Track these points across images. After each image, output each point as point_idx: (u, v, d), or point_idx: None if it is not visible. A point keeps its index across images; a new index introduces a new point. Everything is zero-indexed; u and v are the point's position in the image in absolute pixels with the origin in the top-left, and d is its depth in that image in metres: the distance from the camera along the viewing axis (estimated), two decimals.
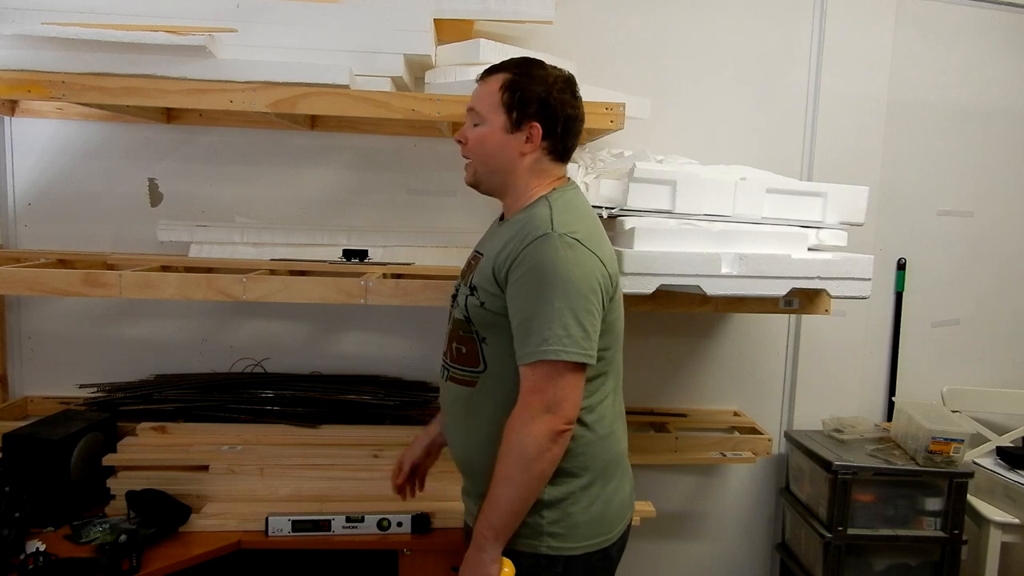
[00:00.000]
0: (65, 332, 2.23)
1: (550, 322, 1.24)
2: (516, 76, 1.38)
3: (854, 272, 1.83)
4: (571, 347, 1.24)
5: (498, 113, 1.38)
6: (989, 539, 2.27)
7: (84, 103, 1.77)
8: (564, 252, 1.26)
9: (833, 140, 2.44)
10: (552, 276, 1.25)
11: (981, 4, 2.55)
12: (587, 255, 1.29)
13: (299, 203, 2.26)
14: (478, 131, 1.40)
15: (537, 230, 1.29)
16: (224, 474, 1.82)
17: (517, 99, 1.36)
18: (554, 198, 1.37)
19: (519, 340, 1.28)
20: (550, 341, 1.23)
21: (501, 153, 1.39)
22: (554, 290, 1.24)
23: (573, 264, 1.26)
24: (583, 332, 1.25)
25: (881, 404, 2.66)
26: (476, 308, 1.36)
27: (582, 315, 1.25)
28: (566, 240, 1.27)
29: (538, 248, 1.27)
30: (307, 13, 1.78)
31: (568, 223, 1.31)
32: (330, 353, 2.31)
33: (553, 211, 1.33)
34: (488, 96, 1.39)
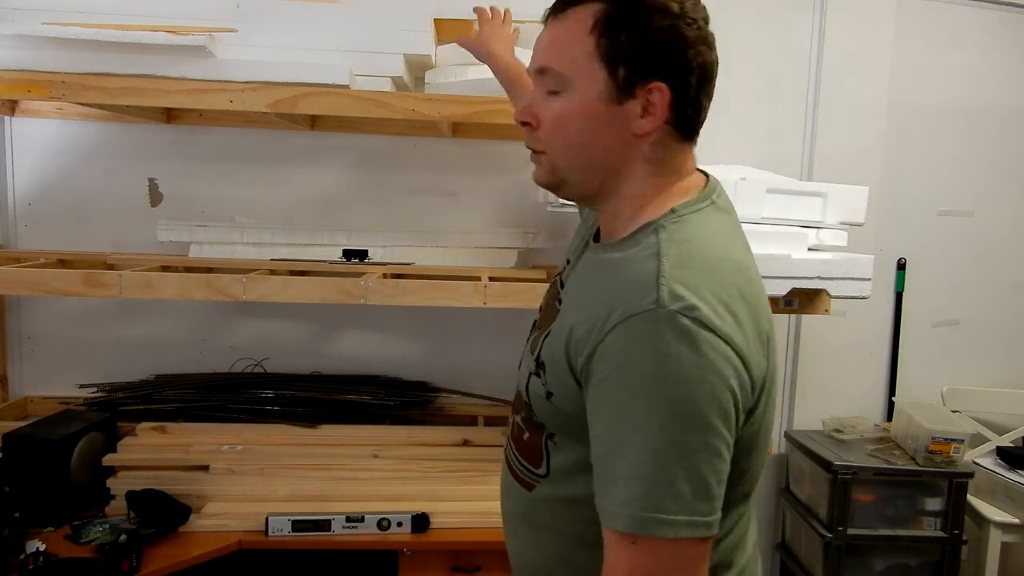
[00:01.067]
0: (65, 332, 2.22)
1: (648, 471, 0.76)
2: (615, 4, 0.83)
3: (854, 272, 1.83)
4: (681, 513, 0.76)
5: (592, 71, 0.84)
6: (989, 539, 2.27)
7: (84, 103, 1.77)
8: (676, 348, 0.76)
9: (833, 140, 2.44)
10: (654, 392, 0.76)
11: (981, 4, 2.55)
12: (716, 350, 0.76)
13: (299, 203, 2.26)
14: (558, 105, 0.87)
15: (634, 298, 0.79)
16: (224, 474, 1.82)
17: (625, 44, 0.83)
18: (669, 231, 0.85)
19: (600, 482, 0.81)
20: (647, 503, 0.75)
21: (601, 138, 0.87)
22: (656, 416, 0.76)
23: (692, 369, 0.75)
24: (701, 486, 0.76)
25: (881, 404, 2.66)
26: (540, 396, 0.91)
27: (701, 460, 0.76)
28: (681, 324, 0.76)
29: (634, 336, 0.77)
30: (307, 13, 1.78)
31: (687, 285, 0.78)
32: (330, 353, 2.31)
33: (662, 260, 0.81)
34: (571, 43, 0.85)
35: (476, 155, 2.30)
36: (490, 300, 1.78)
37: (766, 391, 0.85)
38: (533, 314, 1.12)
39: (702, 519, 0.77)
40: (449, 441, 2.02)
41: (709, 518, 0.77)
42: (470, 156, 2.30)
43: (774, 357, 0.88)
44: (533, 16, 1.94)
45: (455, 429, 2.09)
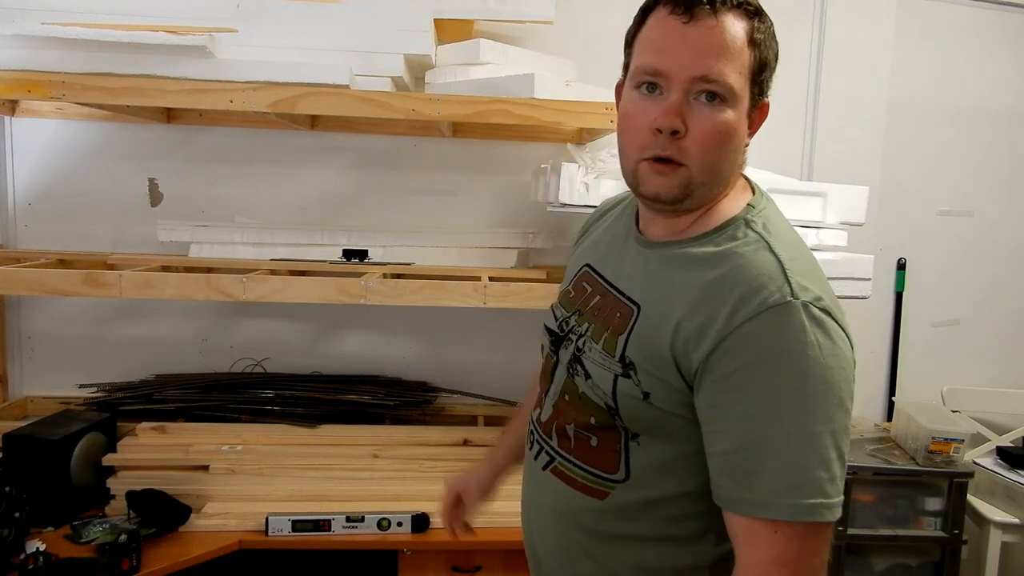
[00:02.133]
0: (65, 332, 2.22)
1: (806, 458, 0.78)
2: (757, 19, 0.86)
3: (854, 272, 1.83)
4: (835, 496, 0.79)
5: (746, 86, 0.86)
6: (989, 539, 2.27)
7: (84, 103, 1.77)
8: (816, 338, 0.79)
9: (833, 140, 2.44)
10: (802, 381, 0.78)
11: (981, 4, 2.55)
12: (842, 337, 0.82)
13: (299, 203, 2.26)
14: (720, 116, 0.84)
15: (764, 290, 0.80)
16: (224, 474, 1.82)
17: (764, 63, 0.87)
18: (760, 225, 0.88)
19: (731, 474, 0.81)
20: (809, 490, 0.77)
21: (737, 147, 0.89)
22: (807, 405, 0.78)
23: (832, 356, 0.79)
24: (843, 467, 0.81)
25: (881, 404, 2.66)
26: (634, 398, 0.88)
27: (844, 440, 0.81)
28: (816, 315, 0.80)
29: (773, 327, 0.79)
30: (307, 13, 1.78)
31: (806, 276, 0.82)
32: (330, 353, 2.31)
33: (778, 253, 0.84)
34: (738, 54, 0.84)
35: (476, 155, 2.30)
36: (490, 300, 1.78)
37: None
38: (532, 314, 1.11)
39: (835, 501, 0.80)
40: (449, 441, 2.02)
41: (839, 500, 0.80)
42: (470, 156, 2.30)
43: None
44: (535, 16, 1.95)
45: (455, 429, 2.09)
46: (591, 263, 1.03)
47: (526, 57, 1.95)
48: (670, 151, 0.85)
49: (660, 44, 0.85)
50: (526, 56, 1.96)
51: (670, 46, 0.84)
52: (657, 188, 0.87)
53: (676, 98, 0.84)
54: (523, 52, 1.98)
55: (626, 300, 0.93)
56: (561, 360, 0.99)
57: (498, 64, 1.88)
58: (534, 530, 1.05)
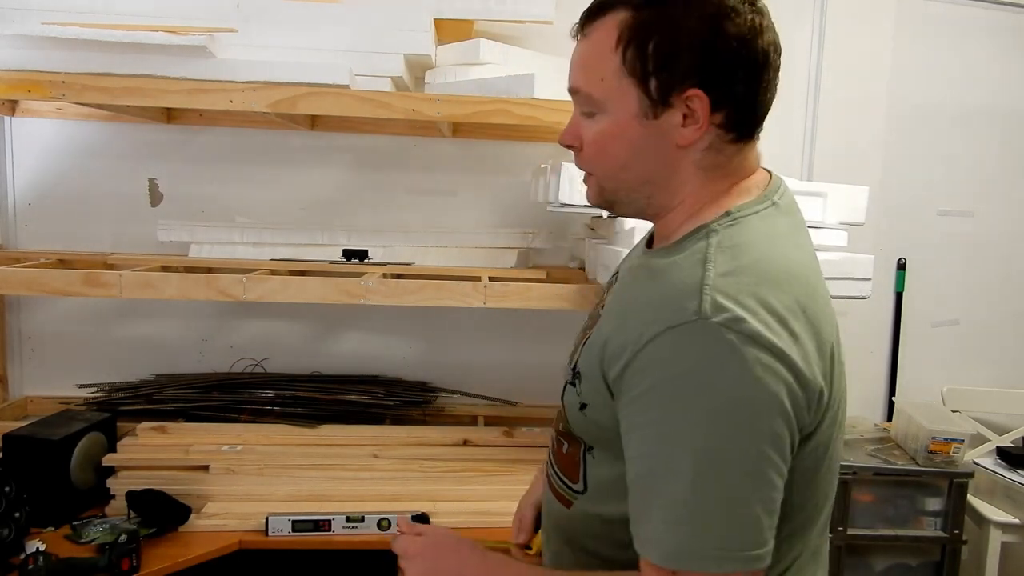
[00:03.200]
0: (65, 332, 2.22)
1: (688, 499, 0.70)
2: (642, 12, 0.77)
3: (854, 272, 1.83)
4: (723, 547, 0.70)
5: (623, 88, 0.79)
6: (989, 539, 2.27)
7: (84, 103, 1.77)
8: (719, 364, 0.70)
9: (833, 140, 2.44)
10: (695, 414, 0.70)
11: (981, 4, 2.55)
12: (765, 366, 0.69)
13: (299, 203, 2.26)
14: (595, 127, 0.83)
15: (671, 307, 0.73)
16: (224, 474, 1.82)
17: (653, 53, 0.77)
18: (721, 235, 0.79)
19: (636, 507, 0.75)
20: (687, 535, 0.70)
21: (643, 157, 0.82)
22: (698, 440, 0.70)
23: (738, 388, 0.69)
24: (748, 518, 0.70)
25: (881, 404, 2.66)
26: (575, 407, 0.86)
27: (748, 489, 0.70)
28: (724, 338, 0.70)
29: (673, 350, 0.72)
30: (307, 13, 1.78)
31: (734, 294, 0.72)
32: (330, 353, 2.31)
33: (708, 267, 0.75)
34: (598, 61, 0.80)
35: (476, 155, 2.30)
36: (490, 300, 1.78)
37: (830, 413, 0.78)
38: (532, 314, 1.11)
39: (748, 552, 0.70)
40: (449, 441, 2.02)
41: (757, 551, 0.70)
42: (470, 156, 2.30)
43: (841, 376, 0.81)
44: (535, 16, 1.95)
45: (455, 429, 2.09)
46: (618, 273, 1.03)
47: (526, 57, 1.95)
48: (578, 164, 0.88)
49: None
50: (526, 56, 1.96)
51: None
52: (587, 195, 0.91)
53: (573, 115, 0.87)
54: (523, 52, 1.98)
55: (601, 308, 0.92)
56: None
57: (498, 64, 1.88)
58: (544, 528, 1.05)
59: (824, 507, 0.86)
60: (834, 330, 0.81)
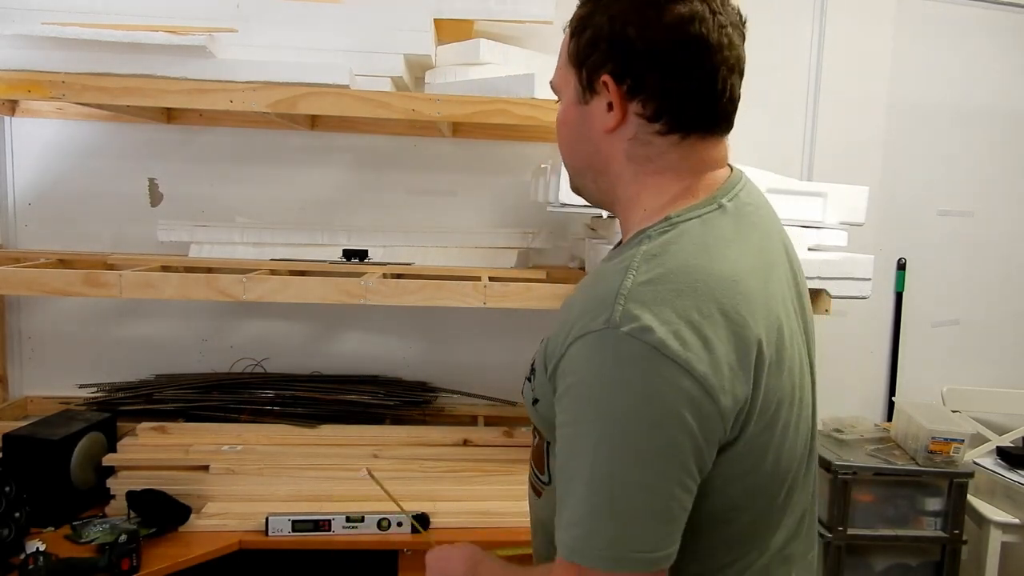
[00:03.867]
0: (65, 332, 2.22)
1: (588, 498, 0.72)
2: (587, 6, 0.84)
3: (854, 272, 1.83)
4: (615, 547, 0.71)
5: (569, 76, 0.86)
6: (989, 539, 2.27)
7: (84, 103, 1.77)
8: (621, 373, 0.71)
9: (833, 140, 2.44)
10: (596, 420, 0.72)
11: (981, 4, 2.55)
12: (665, 378, 0.70)
13: (299, 203, 2.26)
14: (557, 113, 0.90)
15: (589, 313, 0.74)
16: (224, 474, 1.82)
17: (584, 43, 0.82)
18: (655, 241, 0.78)
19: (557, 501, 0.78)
20: (584, 534, 0.72)
21: (581, 139, 0.86)
22: (599, 444, 0.71)
23: (638, 398, 0.70)
24: (642, 521, 0.71)
25: (881, 404, 2.66)
26: (529, 404, 0.89)
27: (642, 494, 0.71)
28: (629, 348, 0.70)
29: (580, 353, 0.74)
30: (307, 13, 1.78)
31: (648, 303, 0.72)
32: (330, 353, 2.31)
33: (631, 274, 0.75)
34: (561, 52, 0.89)
35: (476, 155, 2.30)
36: (490, 300, 1.78)
37: (762, 418, 0.76)
38: (532, 314, 1.11)
39: (643, 554, 0.71)
40: (449, 441, 2.02)
41: (653, 554, 0.72)
42: (470, 156, 2.30)
43: (780, 380, 0.78)
44: (535, 16, 1.95)
45: (455, 429, 2.09)
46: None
47: (526, 57, 1.95)
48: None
49: None
50: (526, 56, 1.96)
51: None
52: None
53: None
54: (523, 52, 1.98)
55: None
56: None
57: (498, 64, 1.88)
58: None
59: (785, 511, 0.85)
60: (773, 331, 0.78)
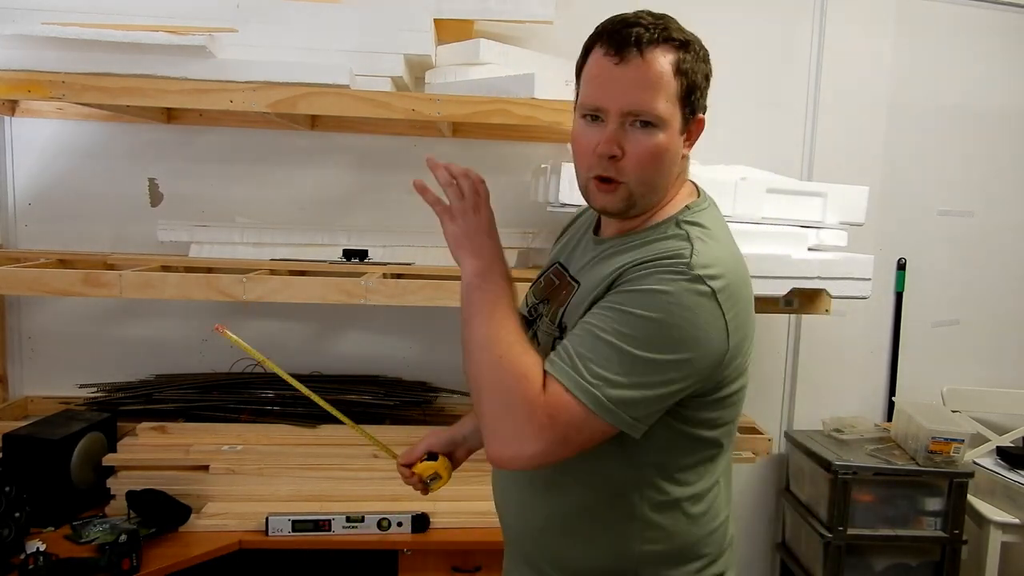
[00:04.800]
0: (65, 332, 2.22)
1: (611, 355, 0.92)
2: (683, 50, 0.98)
3: (854, 272, 1.83)
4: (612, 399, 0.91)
5: (675, 110, 0.98)
6: (989, 539, 2.27)
7: (84, 103, 1.78)
8: (687, 298, 0.92)
9: (833, 140, 2.44)
10: (650, 313, 0.92)
11: (981, 4, 2.55)
12: (713, 315, 0.93)
13: (299, 203, 2.25)
14: (651, 140, 0.98)
15: (667, 256, 0.95)
16: (224, 474, 1.82)
17: (692, 86, 0.99)
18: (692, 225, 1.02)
19: (562, 345, 0.97)
20: (592, 376, 0.91)
21: (674, 165, 1.03)
22: (641, 328, 0.91)
23: (688, 317, 0.92)
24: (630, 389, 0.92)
25: (881, 404, 2.66)
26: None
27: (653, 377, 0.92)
28: (698, 286, 0.92)
29: (657, 277, 0.93)
30: (307, 13, 1.78)
31: (714, 259, 0.96)
32: (330, 353, 2.31)
33: (694, 241, 0.98)
34: (664, 85, 0.97)
35: (476, 155, 2.29)
36: None
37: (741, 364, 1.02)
38: None
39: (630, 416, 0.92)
40: None
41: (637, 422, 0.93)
42: (470, 156, 2.30)
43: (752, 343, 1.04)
44: (535, 16, 1.95)
45: None
46: (561, 260, 1.19)
47: (526, 57, 1.95)
48: (610, 172, 1.00)
49: (597, 82, 1.00)
50: (526, 56, 1.96)
51: (605, 84, 0.98)
52: (604, 203, 1.03)
53: (612, 128, 0.98)
54: (523, 52, 1.98)
55: (574, 282, 1.10)
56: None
57: (498, 64, 1.88)
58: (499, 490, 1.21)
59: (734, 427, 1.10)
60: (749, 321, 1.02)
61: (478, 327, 1.01)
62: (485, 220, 1.08)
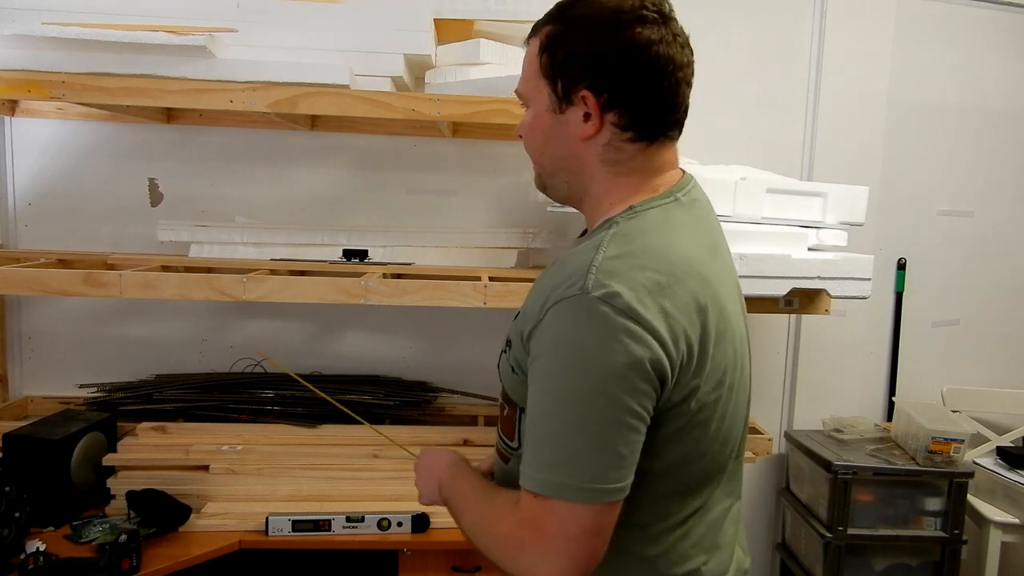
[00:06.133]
0: (65, 332, 2.22)
1: (557, 440, 0.86)
2: (557, 25, 0.96)
3: (854, 272, 1.83)
4: (584, 482, 0.84)
5: (540, 87, 0.97)
6: (989, 539, 2.27)
7: (84, 103, 1.77)
8: (587, 329, 0.85)
9: (833, 140, 2.44)
10: (563, 366, 0.86)
11: (981, 4, 2.55)
12: (633, 334, 0.84)
13: (299, 203, 2.26)
14: (526, 119, 1.02)
15: (564, 284, 0.88)
16: (224, 474, 1.82)
17: (560, 59, 0.94)
18: (621, 226, 0.93)
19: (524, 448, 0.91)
20: (548, 468, 0.86)
21: (554, 144, 0.98)
22: (563, 387, 0.86)
23: (606, 352, 0.84)
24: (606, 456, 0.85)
25: (881, 404, 2.66)
26: (507, 371, 1.01)
27: (609, 431, 0.85)
28: (599, 309, 0.84)
29: (557, 316, 0.87)
30: (307, 13, 1.78)
31: (616, 274, 0.86)
32: (330, 353, 2.31)
33: (602, 250, 0.90)
34: (529, 65, 1.00)
35: (476, 155, 2.30)
36: (490, 300, 1.78)
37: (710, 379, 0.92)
38: None
39: (607, 486, 0.85)
40: (449, 441, 2.02)
41: (615, 484, 0.86)
42: (470, 156, 2.30)
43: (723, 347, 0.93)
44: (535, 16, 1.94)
45: (455, 429, 2.09)
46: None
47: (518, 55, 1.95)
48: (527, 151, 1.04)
49: None
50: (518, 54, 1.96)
51: None
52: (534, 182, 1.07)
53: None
54: (523, 52, 1.97)
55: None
56: None
57: (498, 64, 1.88)
58: None
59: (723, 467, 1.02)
60: (718, 306, 0.92)
61: (462, 522, 1.05)
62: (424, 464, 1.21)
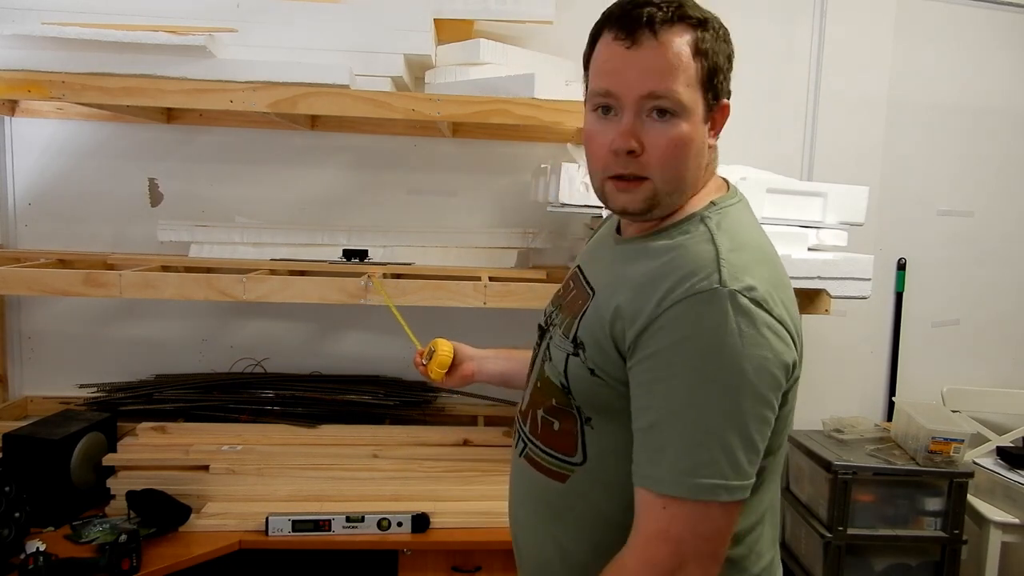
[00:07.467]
0: (65, 332, 2.22)
1: (707, 440, 0.80)
2: (701, 29, 0.88)
3: (854, 272, 1.83)
4: (734, 480, 0.81)
5: (697, 95, 0.88)
6: (989, 539, 2.27)
7: (84, 103, 1.77)
8: (738, 325, 0.80)
9: (833, 140, 2.44)
10: (717, 365, 0.81)
11: (981, 4, 2.55)
12: (771, 328, 0.83)
13: (299, 203, 2.26)
14: (674, 130, 0.87)
15: (694, 276, 0.83)
16: (224, 474, 1.82)
17: (714, 68, 0.89)
18: (715, 220, 0.91)
19: (644, 450, 0.85)
20: (703, 471, 0.80)
21: (701, 156, 0.92)
22: (719, 389, 0.81)
23: (752, 346, 0.81)
24: (752, 453, 0.82)
25: (881, 404, 2.66)
26: (582, 376, 0.92)
27: (754, 428, 0.82)
28: (741, 303, 0.81)
29: (697, 312, 0.82)
30: (307, 13, 1.78)
31: (743, 268, 0.84)
32: (330, 353, 2.31)
33: (718, 244, 0.86)
34: (683, 68, 0.86)
35: (476, 155, 2.30)
36: (490, 300, 1.78)
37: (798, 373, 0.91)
38: (532, 314, 1.13)
39: (746, 484, 0.82)
40: (449, 441, 2.02)
41: (751, 480, 0.83)
42: (470, 156, 2.30)
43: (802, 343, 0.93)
44: (535, 16, 1.95)
45: (455, 429, 2.09)
46: (581, 264, 1.08)
47: (526, 57, 1.95)
48: (631, 168, 0.89)
49: (607, 68, 0.89)
50: (526, 56, 1.96)
51: (616, 70, 0.88)
52: (624, 203, 0.92)
53: (628, 119, 0.88)
54: (523, 52, 1.98)
55: (588, 288, 0.99)
56: (540, 350, 1.05)
57: (498, 64, 1.88)
58: (514, 519, 1.09)
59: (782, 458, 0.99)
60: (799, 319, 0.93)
61: None
62: None
